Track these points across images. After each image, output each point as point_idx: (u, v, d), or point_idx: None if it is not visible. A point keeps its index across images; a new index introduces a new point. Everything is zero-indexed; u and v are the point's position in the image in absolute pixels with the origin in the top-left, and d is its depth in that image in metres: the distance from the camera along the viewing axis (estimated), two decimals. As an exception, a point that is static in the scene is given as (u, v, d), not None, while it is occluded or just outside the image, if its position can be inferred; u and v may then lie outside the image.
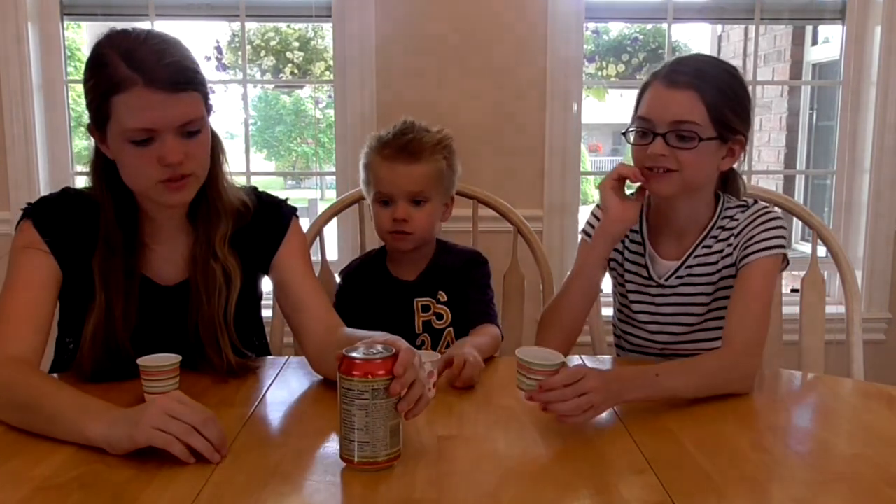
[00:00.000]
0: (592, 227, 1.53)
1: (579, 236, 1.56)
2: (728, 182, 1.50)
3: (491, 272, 1.65)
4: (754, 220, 1.41)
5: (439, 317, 1.60)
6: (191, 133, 1.22)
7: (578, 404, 1.06)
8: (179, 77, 1.18)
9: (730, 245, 1.42)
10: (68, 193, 1.36)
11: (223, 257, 1.32)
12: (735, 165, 1.45)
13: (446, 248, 1.65)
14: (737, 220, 1.43)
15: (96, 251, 1.28)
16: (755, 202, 1.46)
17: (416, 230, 1.55)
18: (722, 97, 1.35)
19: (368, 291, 1.63)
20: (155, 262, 1.35)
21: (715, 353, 1.30)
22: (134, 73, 1.16)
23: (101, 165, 1.29)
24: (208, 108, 1.27)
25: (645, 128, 1.37)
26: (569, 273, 1.54)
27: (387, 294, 1.61)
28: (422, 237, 1.57)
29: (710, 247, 1.44)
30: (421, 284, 1.57)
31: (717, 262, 1.43)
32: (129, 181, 1.26)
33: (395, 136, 1.55)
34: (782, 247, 1.39)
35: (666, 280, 1.47)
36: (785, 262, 1.42)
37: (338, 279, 1.74)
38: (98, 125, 1.24)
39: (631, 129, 1.40)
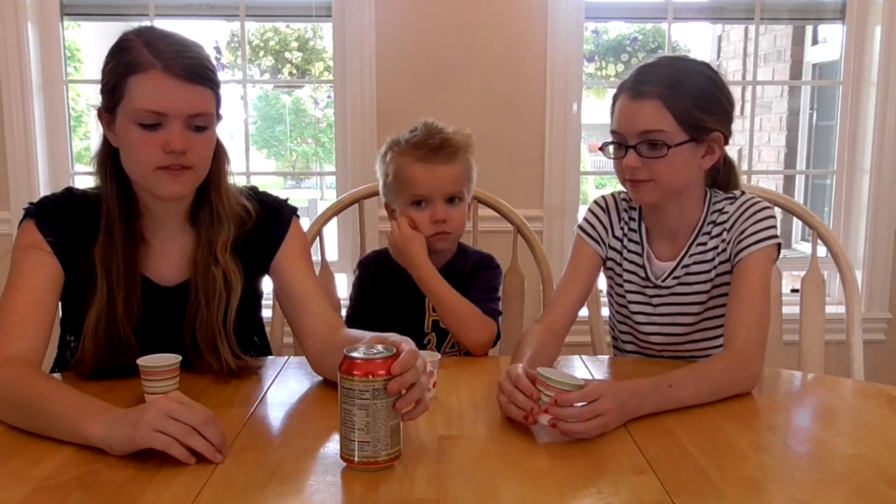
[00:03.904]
0: (589, 223, 1.53)
1: (575, 231, 1.55)
2: (723, 175, 1.49)
3: (500, 277, 1.66)
4: (744, 211, 1.41)
5: None
6: (198, 128, 1.25)
7: (589, 428, 1.05)
8: (196, 70, 1.23)
9: (724, 241, 1.42)
10: (71, 193, 1.37)
11: (224, 263, 1.33)
12: (735, 159, 1.45)
13: (464, 251, 1.68)
14: (726, 212, 1.43)
15: (97, 243, 1.29)
16: (742, 193, 1.45)
17: (455, 229, 1.59)
18: (689, 99, 1.34)
19: (384, 284, 1.64)
20: (155, 260, 1.35)
21: (720, 357, 1.30)
22: (154, 59, 1.21)
23: (106, 155, 1.31)
24: (218, 113, 1.30)
25: (618, 141, 1.39)
26: (563, 272, 1.53)
27: (401, 289, 1.62)
28: (459, 235, 1.61)
29: (704, 244, 1.44)
30: None
31: (713, 259, 1.43)
32: (129, 166, 1.28)
33: (428, 137, 1.57)
34: (775, 236, 1.38)
35: (663, 281, 1.47)
36: (778, 251, 1.41)
37: (339, 278, 1.74)
38: (109, 107, 1.26)
39: (607, 144, 1.41)
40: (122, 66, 1.23)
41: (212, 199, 1.34)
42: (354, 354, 0.96)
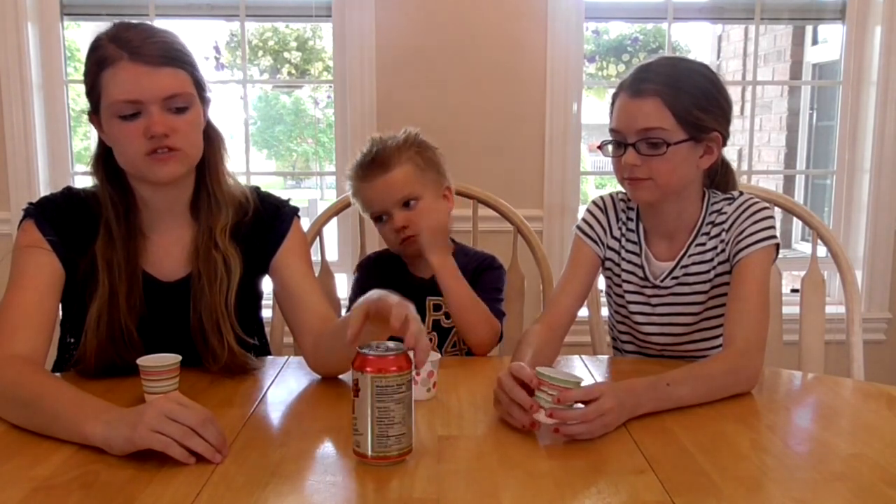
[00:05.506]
0: (587, 223, 1.53)
1: (573, 232, 1.55)
2: (721, 176, 1.49)
3: (504, 278, 1.66)
4: (743, 212, 1.41)
5: (448, 316, 1.60)
6: (178, 110, 1.25)
7: (593, 429, 1.05)
8: (163, 53, 1.24)
9: (722, 241, 1.42)
10: (70, 192, 1.37)
11: (224, 247, 1.34)
12: (734, 163, 1.45)
13: (464, 252, 1.68)
14: (725, 213, 1.43)
15: (98, 238, 1.30)
16: (741, 194, 1.46)
17: (420, 229, 1.57)
18: (688, 98, 1.34)
19: (385, 286, 1.64)
20: (156, 255, 1.35)
21: (719, 357, 1.30)
22: (120, 50, 1.22)
23: (100, 155, 1.32)
24: (202, 95, 1.31)
25: (617, 139, 1.39)
26: (563, 272, 1.53)
27: (402, 290, 1.61)
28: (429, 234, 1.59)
29: (703, 244, 1.44)
30: (435, 283, 1.58)
31: (712, 260, 1.43)
32: (121, 160, 1.29)
33: (364, 157, 1.60)
34: (774, 237, 1.38)
35: (661, 281, 1.47)
36: (777, 251, 1.41)
37: (339, 278, 1.74)
38: (94, 108, 1.28)
39: (606, 142, 1.41)
40: (94, 65, 1.25)
41: (209, 185, 1.35)
42: (366, 351, 0.96)
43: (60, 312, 1.33)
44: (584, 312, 1.61)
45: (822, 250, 1.73)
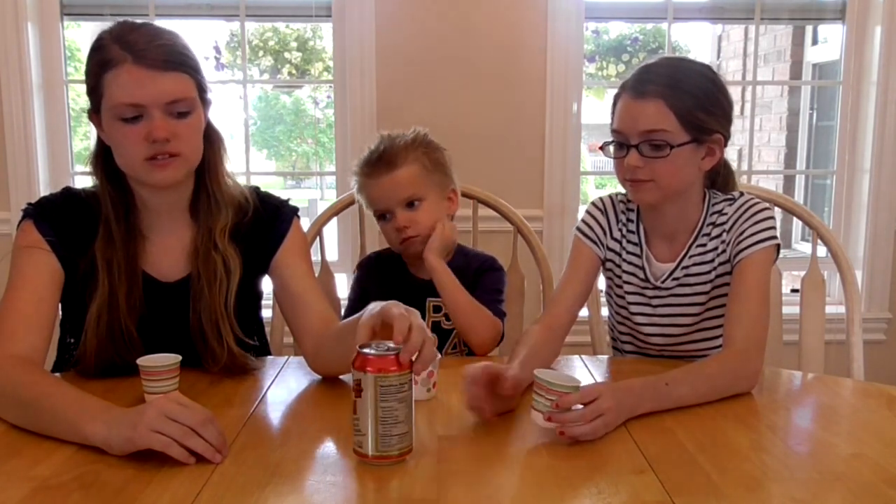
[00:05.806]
0: (587, 224, 1.53)
1: (573, 233, 1.55)
2: (721, 177, 1.49)
3: (505, 279, 1.66)
4: (743, 212, 1.41)
5: (448, 318, 1.60)
6: (180, 114, 1.25)
7: (595, 428, 1.05)
8: (168, 57, 1.23)
9: (723, 241, 1.42)
10: (69, 193, 1.37)
11: (223, 248, 1.34)
12: (734, 163, 1.45)
13: (463, 252, 1.68)
14: (726, 213, 1.43)
15: (97, 238, 1.30)
16: (741, 194, 1.46)
17: (421, 230, 1.58)
18: (691, 99, 1.34)
19: (385, 286, 1.65)
20: (155, 256, 1.35)
21: (718, 357, 1.30)
22: (124, 52, 1.21)
23: (98, 154, 1.32)
24: (204, 98, 1.30)
25: (619, 140, 1.39)
26: (563, 273, 1.53)
27: (402, 291, 1.62)
28: (428, 236, 1.59)
29: (704, 245, 1.44)
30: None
31: (713, 260, 1.43)
32: (120, 162, 1.28)
33: (371, 154, 1.60)
34: (774, 237, 1.38)
35: (662, 282, 1.47)
36: (777, 251, 1.41)
37: (339, 278, 1.74)
38: (95, 108, 1.27)
39: (608, 143, 1.41)
40: (97, 65, 1.24)
41: (209, 186, 1.35)
42: (368, 350, 0.96)
43: (60, 312, 1.33)
44: (584, 312, 1.61)
45: (822, 250, 1.73)
